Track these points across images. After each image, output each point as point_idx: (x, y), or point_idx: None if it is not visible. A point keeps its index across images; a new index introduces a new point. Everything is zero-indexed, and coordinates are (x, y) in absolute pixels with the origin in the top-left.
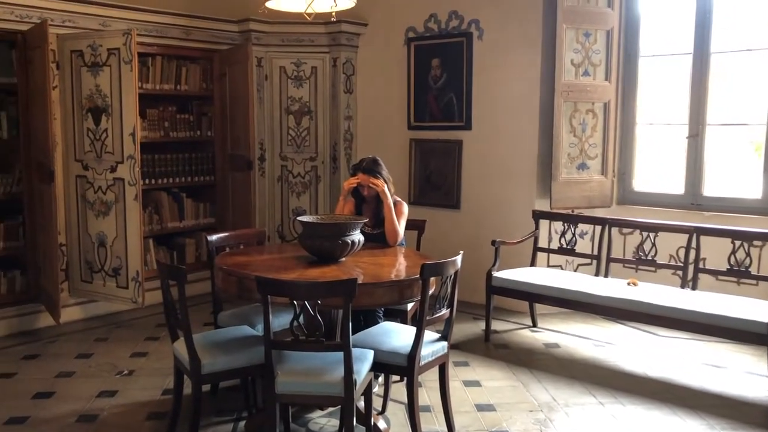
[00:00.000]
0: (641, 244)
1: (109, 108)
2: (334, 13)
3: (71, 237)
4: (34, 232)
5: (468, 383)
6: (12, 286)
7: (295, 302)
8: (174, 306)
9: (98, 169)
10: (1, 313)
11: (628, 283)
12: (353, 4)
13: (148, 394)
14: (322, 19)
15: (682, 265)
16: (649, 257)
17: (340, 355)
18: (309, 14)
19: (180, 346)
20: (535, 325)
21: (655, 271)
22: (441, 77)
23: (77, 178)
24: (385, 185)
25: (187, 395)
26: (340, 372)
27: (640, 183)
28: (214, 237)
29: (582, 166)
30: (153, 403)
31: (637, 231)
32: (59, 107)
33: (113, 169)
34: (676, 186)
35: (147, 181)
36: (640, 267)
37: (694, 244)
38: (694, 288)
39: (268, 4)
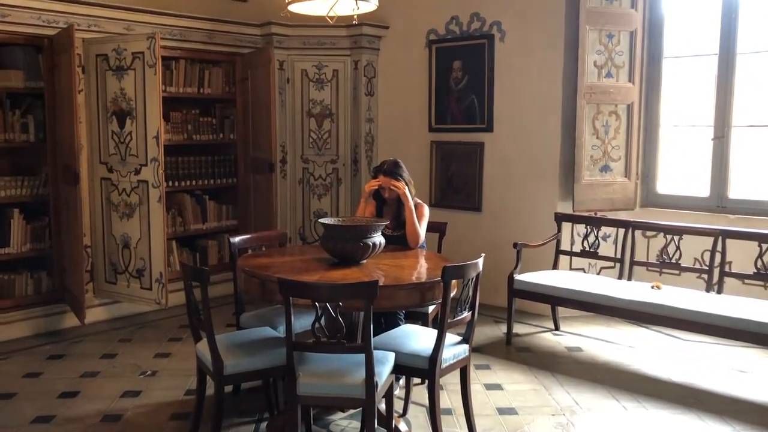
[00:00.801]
0: (665, 247)
1: (133, 111)
2: (355, 16)
3: (96, 238)
4: (59, 233)
5: (489, 386)
6: (38, 286)
7: (316, 304)
8: (197, 307)
9: (122, 172)
10: (28, 313)
11: (652, 287)
12: (375, 8)
13: (171, 395)
14: (344, 22)
15: (707, 268)
16: (674, 260)
17: (362, 357)
18: (331, 17)
19: (203, 347)
20: (557, 328)
21: (679, 275)
22: (462, 79)
23: (102, 181)
24: (406, 188)
25: (210, 396)
26: (361, 374)
27: (664, 185)
28: (236, 239)
29: (605, 169)
30: (176, 404)
31: (661, 234)
32: (85, 111)
33: (137, 172)
34: (701, 188)
35: (170, 183)
36: (664, 270)
37: (719, 247)
38: (719, 292)
39: (290, 8)
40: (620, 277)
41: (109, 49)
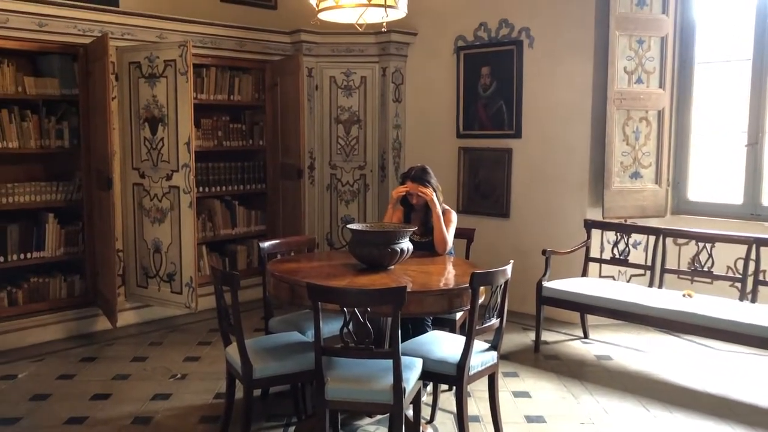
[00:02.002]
0: (697, 254)
1: (165, 118)
2: (384, 24)
3: (128, 243)
4: (92, 238)
5: (517, 394)
6: (71, 290)
7: (345, 309)
8: (227, 311)
9: (154, 177)
10: (61, 316)
11: (684, 295)
12: (404, 15)
13: (200, 398)
14: (373, 29)
15: (740, 276)
16: (706, 268)
17: (389, 362)
18: (360, 25)
19: (232, 351)
20: (586, 336)
21: (711, 283)
22: (490, 85)
23: (134, 186)
24: (434, 194)
25: (239, 399)
26: (389, 380)
27: (696, 192)
28: (266, 244)
29: (635, 175)
30: (205, 407)
31: (693, 241)
32: (118, 117)
33: (169, 177)
34: (734, 196)
35: (201, 189)
36: (696, 278)
37: (753, 255)
38: (753, 300)
39: (320, 16)
40: (651, 284)
41: (141, 57)
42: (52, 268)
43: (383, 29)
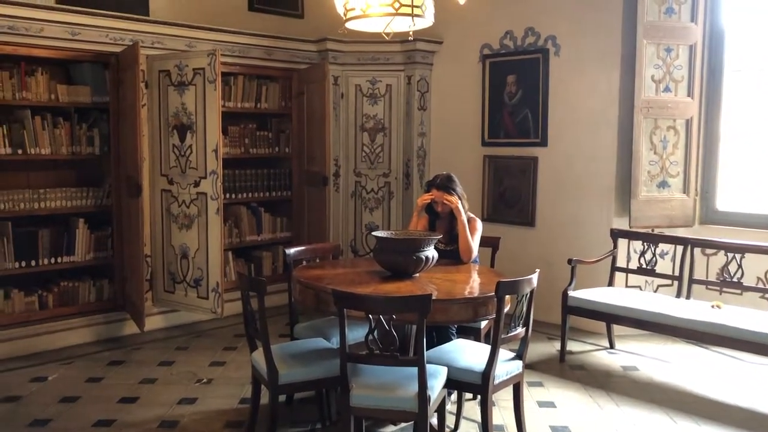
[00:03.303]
0: (726, 265)
1: (193, 125)
2: (411, 32)
3: (156, 248)
4: (121, 243)
5: (542, 404)
6: (100, 294)
7: (370, 316)
8: (253, 317)
9: (182, 184)
10: (90, 320)
11: (713, 306)
12: (431, 24)
13: (226, 403)
14: (399, 37)
15: None
16: (735, 279)
17: (414, 370)
18: (387, 34)
19: (258, 356)
20: (612, 346)
21: (741, 294)
22: (516, 94)
23: (162, 192)
24: (459, 202)
25: (264, 405)
26: (414, 387)
27: (725, 202)
28: (291, 250)
29: (662, 184)
30: (231, 412)
31: (722, 252)
32: (147, 124)
33: (197, 184)
34: (765, 206)
35: (227, 195)
36: (725, 289)
37: None
38: None
39: (347, 25)
40: (678, 295)
41: (171, 65)
42: (82, 272)
43: (410, 38)
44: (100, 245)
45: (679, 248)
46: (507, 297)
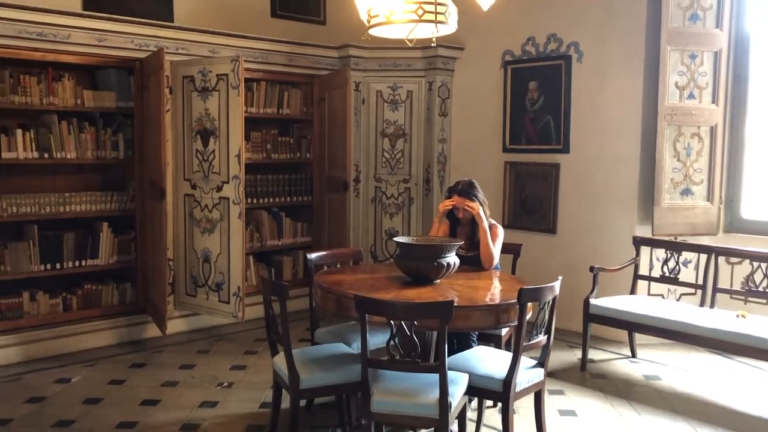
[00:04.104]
0: (751, 274)
1: (216, 130)
2: (434, 39)
3: (178, 252)
4: (144, 246)
5: (563, 412)
6: (123, 297)
7: (392, 322)
8: (275, 321)
9: (205, 189)
10: (113, 322)
11: (737, 316)
12: (454, 30)
13: (246, 407)
14: (420, 44)
15: None
16: (761, 289)
17: (435, 377)
18: (410, 40)
19: (280, 360)
20: (634, 355)
21: (766, 304)
22: (538, 100)
23: (185, 197)
24: (481, 208)
25: (284, 409)
26: (434, 394)
27: (750, 210)
28: (313, 255)
29: (686, 192)
30: (251, 416)
31: (747, 261)
32: (171, 129)
33: (219, 189)
34: None
35: (249, 200)
36: (750, 299)
37: None
38: None
39: (371, 32)
40: (702, 304)
41: (195, 71)
42: (106, 275)
43: (433, 44)
44: (123, 249)
45: (703, 257)
46: (529, 304)
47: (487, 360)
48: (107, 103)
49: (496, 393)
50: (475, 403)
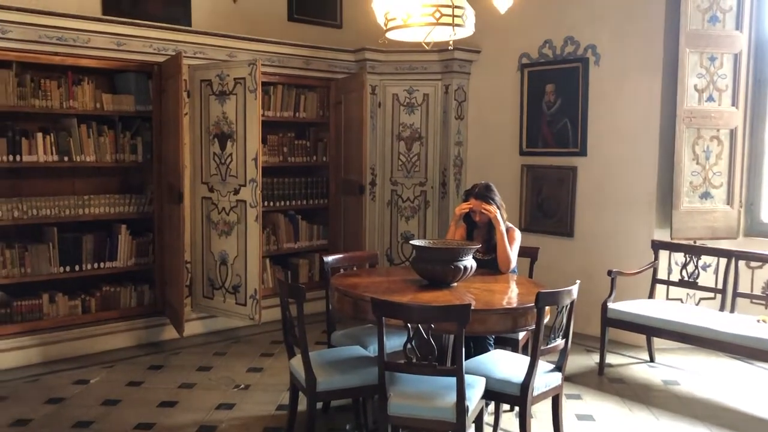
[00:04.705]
0: None
1: (234, 134)
2: (451, 42)
3: (195, 255)
4: (162, 249)
5: (581, 417)
6: (141, 299)
7: (408, 325)
8: (292, 323)
9: (222, 192)
10: (131, 324)
11: (759, 321)
12: (471, 33)
13: (263, 409)
14: (437, 47)
15: None
16: None
17: (452, 380)
18: (428, 43)
19: (296, 363)
20: (652, 360)
21: None
22: (555, 103)
23: (203, 200)
24: (498, 211)
25: (301, 412)
26: (451, 397)
27: None
28: (329, 258)
29: (705, 196)
30: (268, 418)
31: None
32: (188, 133)
33: (236, 192)
34: None
35: (265, 203)
36: None
37: None
38: None
39: (388, 35)
40: (722, 308)
41: (212, 75)
42: (124, 277)
43: (450, 47)
44: (141, 251)
45: (723, 261)
46: (547, 308)
47: (504, 364)
48: (126, 107)
49: (513, 397)
50: (491, 407)
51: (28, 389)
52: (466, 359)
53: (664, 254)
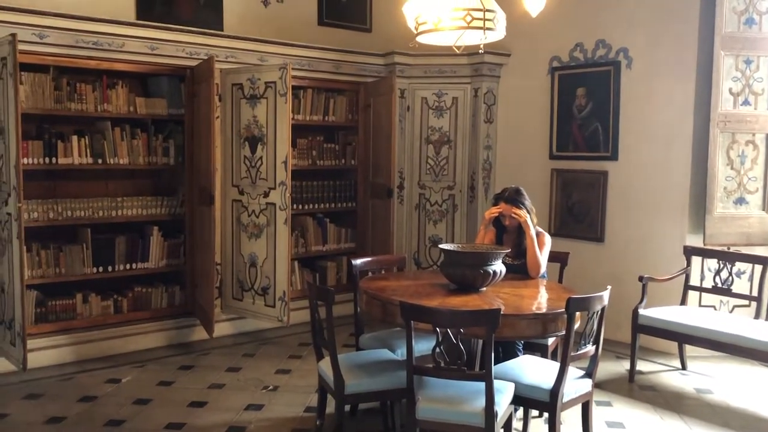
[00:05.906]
0: None
1: (264, 137)
2: (482, 45)
3: (225, 257)
4: (193, 251)
5: (611, 424)
6: (172, 300)
7: (437, 329)
8: (321, 326)
9: (252, 194)
10: (162, 325)
11: None
12: (502, 37)
13: (291, 411)
14: (467, 50)
15: None
16: None
17: (481, 385)
18: (458, 47)
19: (325, 365)
20: (684, 367)
21: None
22: (586, 106)
23: (233, 202)
24: (528, 216)
25: (329, 414)
26: (480, 402)
27: None
28: (358, 261)
29: (740, 201)
30: (296, 420)
31: None
32: (220, 136)
33: (266, 195)
34: None
35: (294, 206)
36: None
37: None
38: None
39: (418, 39)
40: (757, 316)
41: (244, 79)
42: (155, 278)
43: (480, 51)
44: (172, 253)
45: (758, 267)
46: (577, 314)
47: (534, 369)
48: (159, 110)
49: (542, 403)
50: (520, 412)
51: (61, 387)
52: (494, 364)
53: (696, 260)
